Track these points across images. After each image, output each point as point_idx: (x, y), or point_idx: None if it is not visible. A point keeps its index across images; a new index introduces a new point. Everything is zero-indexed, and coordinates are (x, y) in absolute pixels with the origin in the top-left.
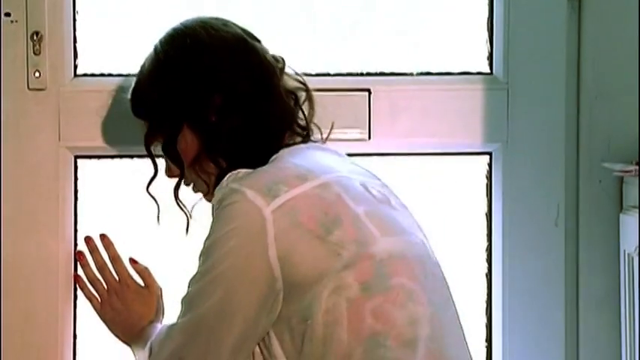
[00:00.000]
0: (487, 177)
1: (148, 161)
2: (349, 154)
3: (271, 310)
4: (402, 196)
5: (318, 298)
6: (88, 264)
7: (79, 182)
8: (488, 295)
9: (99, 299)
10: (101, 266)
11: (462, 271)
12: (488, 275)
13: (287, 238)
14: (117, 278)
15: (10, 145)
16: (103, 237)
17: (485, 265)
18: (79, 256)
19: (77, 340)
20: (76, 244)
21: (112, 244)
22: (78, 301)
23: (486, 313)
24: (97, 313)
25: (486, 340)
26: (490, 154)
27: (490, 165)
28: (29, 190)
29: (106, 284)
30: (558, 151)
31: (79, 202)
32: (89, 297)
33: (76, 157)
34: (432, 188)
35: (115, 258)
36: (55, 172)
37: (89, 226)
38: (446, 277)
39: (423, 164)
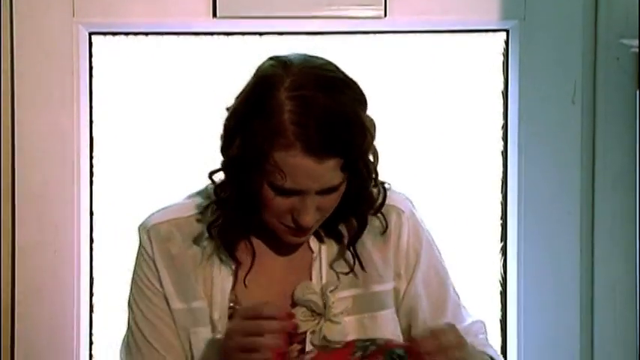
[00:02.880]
0: (503, 55)
1: (162, 39)
2: (364, 32)
3: None
4: (417, 74)
5: None
6: None
7: (94, 59)
8: (504, 173)
9: None
10: None
11: (478, 148)
12: (504, 154)
13: None
14: None
15: (24, 21)
16: None
17: (502, 143)
18: None
19: (94, 217)
20: (91, 122)
21: None
22: (94, 179)
23: (501, 192)
24: None
25: (502, 236)
26: (507, 31)
27: (507, 42)
28: (44, 68)
29: None
30: (576, 28)
31: (94, 80)
32: None
33: (91, 34)
34: (448, 66)
35: None
36: (69, 49)
37: (105, 103)
38: None
39: (438, 42)
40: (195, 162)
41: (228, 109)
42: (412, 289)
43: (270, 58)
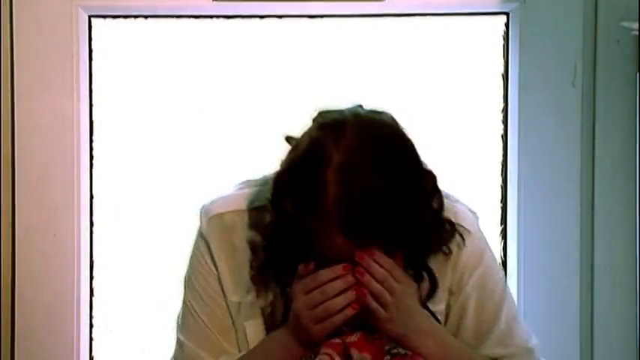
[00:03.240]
0: (504, 37)
1: (162, 22)
2: (363, 15)
3: None
4: (416, 58)
5: None
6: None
7: (93, 42)
8: (503, 156)
9: None
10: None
11: (478, 131)
12: (504, 137)
13: None
14: None
15: (23, 5)
16: None
17: (501, 126)
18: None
19: (94, 201)
20: (91, 105)
21: None
22: (94, 162)
23: (501, 175)
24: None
25: (502, 219)
26: (507, 14)
27: (507, 25)
28: (43, 51)
29: None
30: (576, 11)
31: (94, 63)
32: None
33: (90, 17)
34: (448, 49)
35: None
36: (69, 32)
37: (105, 86)
38: None
39: (438, 25)
40: (195, 145)
41: (281, 162)
42: (460, 308)
43: (323, 117)
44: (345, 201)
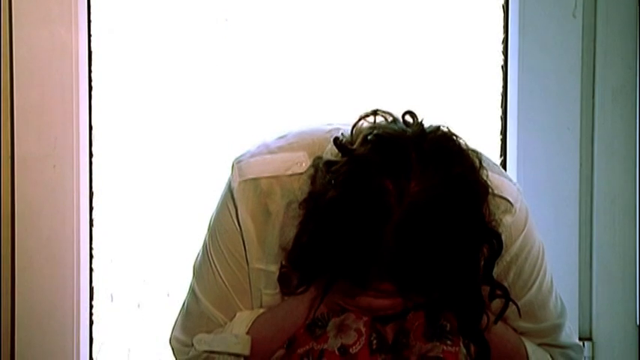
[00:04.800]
0: None
1: None
2: None
3: None
4: None
5: None
6: None
7: None
8: (504, 87)
9: None
10: None
11: (478, 64)
12: (504, 68)
13: None
14: None
15: None
16: None
17: (502, 57)
18: None
19: (93, 132)
20: (89, 35)
21: None
22: (93, 92)
23: (501, 107)
24: None
25: (500, 154)
26: None
27: None
28: None
29: None
30: None
31: None
32: None
33: None
34: None
35: None
36: None
37: (104, 17)
38: None
39: None
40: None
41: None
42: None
43: (380, 144)
44: (401, 258)
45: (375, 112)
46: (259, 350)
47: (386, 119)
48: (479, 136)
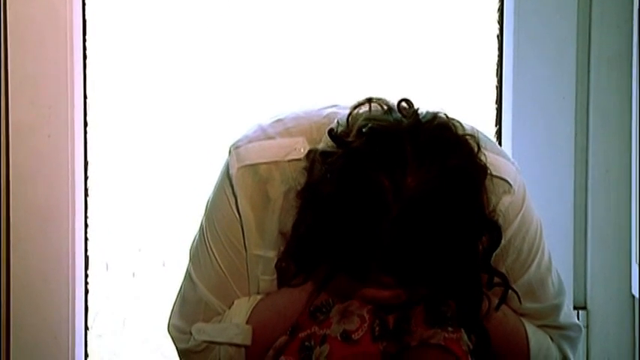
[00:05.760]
0: None
1: None
2: None
3: None
4: None
5: None
6: None
7: None
8: (499, 56)
9: None
10: None
11: (473, 32)
12: (500, 37)
13: None
14: None
15: None
16: None
17: (497, 25)
18: None
19: (87, 101)
20: (84, 3)
21: None
22: (87, 61)
23: (496, 75)
24: None
25: (496, 123)
26: None
27: None
28: None
29: None
30: None
31: None
32: None
33: None
34: None
35: None
36: None
37: None
38: None
39: None
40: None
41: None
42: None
43: (375, 135)
44: (399, 253)
45: (369, 100)
46: (260, 339)
47: (381, 107)
48: (474, 105)
